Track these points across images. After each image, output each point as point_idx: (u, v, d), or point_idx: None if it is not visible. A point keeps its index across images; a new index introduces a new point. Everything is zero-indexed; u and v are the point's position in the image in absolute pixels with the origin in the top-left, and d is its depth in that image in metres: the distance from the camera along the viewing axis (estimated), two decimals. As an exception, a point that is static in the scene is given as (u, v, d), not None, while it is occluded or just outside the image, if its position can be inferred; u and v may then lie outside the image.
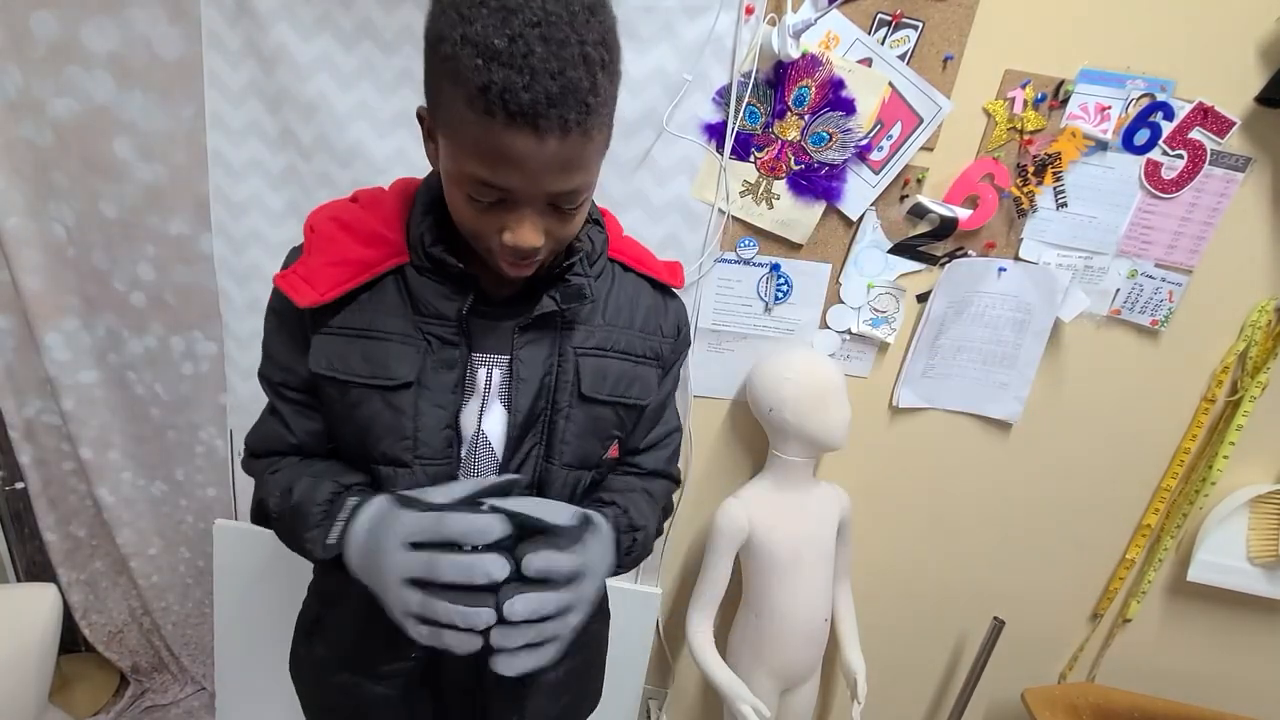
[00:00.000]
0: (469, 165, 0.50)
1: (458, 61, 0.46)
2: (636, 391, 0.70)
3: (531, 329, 0.65)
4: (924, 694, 1.54)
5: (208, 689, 1.57)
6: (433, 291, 0.62)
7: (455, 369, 0.63)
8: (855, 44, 1.06)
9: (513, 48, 0.45)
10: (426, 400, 0.63)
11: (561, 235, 0.57)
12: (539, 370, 0.65)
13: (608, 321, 0.69)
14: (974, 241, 1.17)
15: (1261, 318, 1.18)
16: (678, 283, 0.76)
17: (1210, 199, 1.12)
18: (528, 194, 0.52)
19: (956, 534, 1.38)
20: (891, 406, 1.29)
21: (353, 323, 0.63)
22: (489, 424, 0.65)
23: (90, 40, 1.06)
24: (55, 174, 1.15)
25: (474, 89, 0.46)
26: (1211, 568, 1.29)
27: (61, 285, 1.23)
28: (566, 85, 0.46)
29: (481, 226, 0.55)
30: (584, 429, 0.68)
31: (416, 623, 0.52)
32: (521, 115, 0.46)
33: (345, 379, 0.62)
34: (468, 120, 0.48)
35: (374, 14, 1.04)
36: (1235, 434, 1.22)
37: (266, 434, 0.70)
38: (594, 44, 0.47)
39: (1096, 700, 1.32)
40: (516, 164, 0.49)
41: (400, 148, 1.11)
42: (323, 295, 0.61)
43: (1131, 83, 1.07)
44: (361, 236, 0.64)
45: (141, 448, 1.39)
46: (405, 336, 0.62)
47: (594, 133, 0.50)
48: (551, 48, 0.45)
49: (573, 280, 0.64)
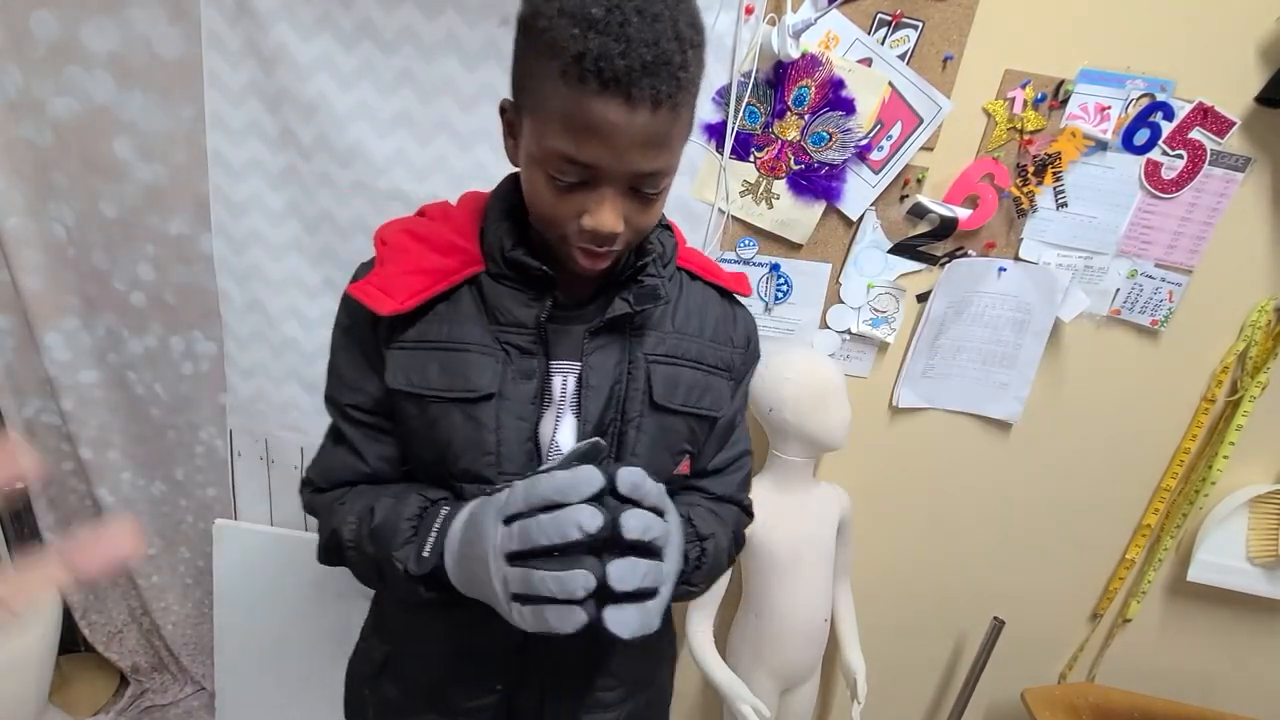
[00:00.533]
0: (556, 141, 0.50)
1: (554, 33, 0.47)
2: (709, 402, 0.68)
3: (602, 334, 0.63)
4: (924, 694, 1.54)
5: (207, 689, 1.57)
6: (510, 299, 0.61)
7: (534, 379, 0.61)
8: (855, 44, 1.06)
9: (609, 17, 0.46)
10: (507, 412, 0.61)
11: (639, 224, 0.56)
12: (609, 378, 0.63)
13: (678, 329, 0.67)
14: (974, 241, 1.17)
15: (1261, 318, 1.18)
16: (744, 290, 0.75)
17: (1210, 199, 1.12)
18: (612, 171, 0.51)
19: (956, 534, 1.38)
20: (891, 406, 1.29)
21: (429, 335, 0.61)
22: (562, 435, 0.63)
23: (90, 40, 1.06)
24: (55, 174, 1.15)
25: (569, 58, 0.47)
26: (1211, 568, 1.29)
27: (61, 285, 1.23)
28: (660, 56, 0.47)
29: (560, 211, 0.54)
30: (655, 440, 0.65)
31: (520, 605, 0.49)
32: (615, 82, 0.47)
33: (424, 393, 0.61)
34: (559, 93, 0.48)
35: (374, 14, 1.04)
36: (1235, 434, 1.22)
37: (333, 465, 0.67)
38: (685, 23, 0.49)
39: (1096, 700, 1.32)
40: (605, 136, 0.49)
41: (400, 148, 1.11)
42: (402, 304, 0.59)
43: (1131, 83, 1.07)
44: (436, 246, 0.62)
45: (141, 448, 1.39)
46: (483, 347, 0.61)
47: (681, 110, 0.51)
48: (647, 20, 0.47)
49: (646, 281, 0.63)
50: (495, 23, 1.04)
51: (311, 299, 1.23)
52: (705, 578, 0.66)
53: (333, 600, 1.39)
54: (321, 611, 1.40)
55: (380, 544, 0.59)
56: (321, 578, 1.38)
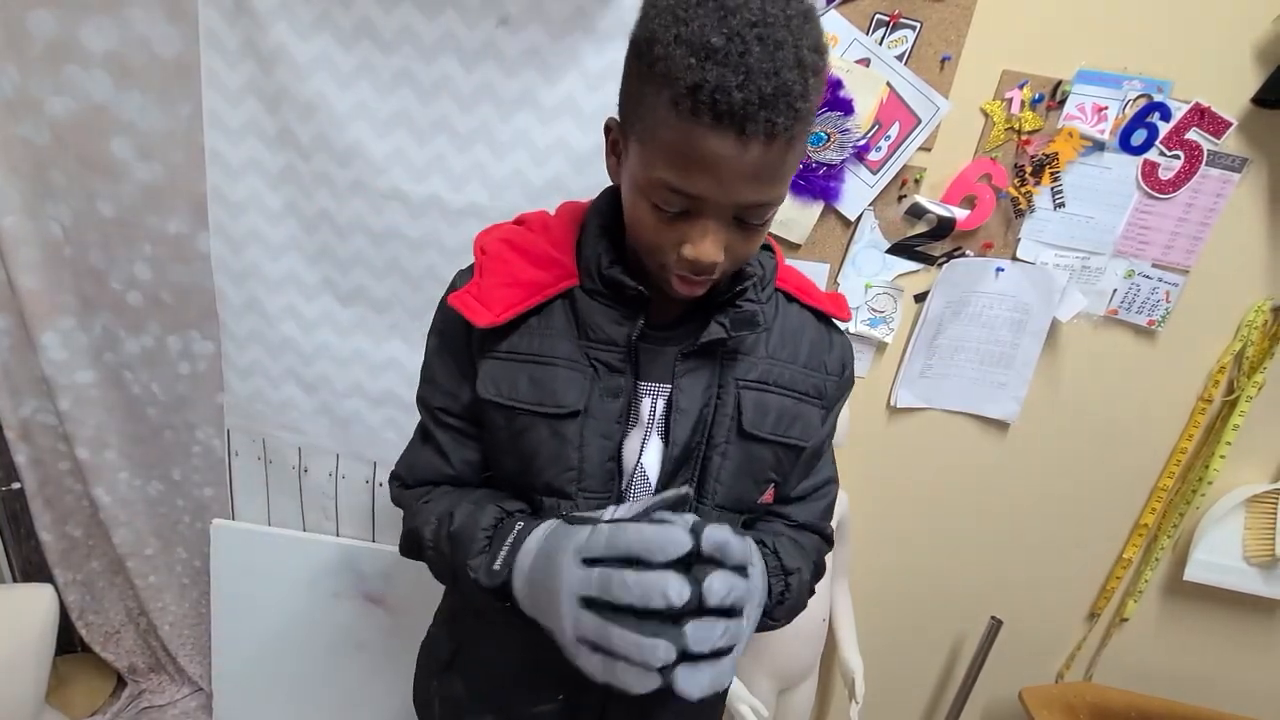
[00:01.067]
0: (662, 171, 0.49)
1: (670, 61, 0.46)
2: (798, 431, 0.66)
3: (694, 357, 0.61)
4: (922, 693, 1.54)
5: (205, 689, 1.56)
6: (603, 315, 0.60)
7: (620, 398, 0.61)
8: (853, 44, 1.06)
9: (729, 46, 0.44)
10: (592, 430, 0.61)
11: (741, 254, 0.55)
12: (698, 401, 0.62)
13: (771, 354, 0.65)
14: (971, 241, 1.18)
15: (1258, 318, 1.18)
16: (844, 315, 0.72)
17: (1207, 199, 1.13)
18: (717, 203, 0.50)
19: (954, 533, 1.38)
20: (889, 406, 1.29)
21: (521, 347, 0.61)
22: (648, 457, 0.63)
23: (88, 39, 1.05)
24: (52, 173, 1.14)
25: (684, 88, 0.45)
26: (1208, 567, 1.30)
27: (58, 284, 1.23)
28: (780, 87, 0.45)
29: (661, 239, 0.53)
30: (740, 468, 0.64)
31: (590, 651, 0.47)
32: (730, 116, 0.45)
33: (512, 405, 0.61)
34: (669, 122, 0.47)
35: (373, 13, 1.04)
36: (1232, 434, 1.22)
37: (419, 463, 0.69)
38: (809, 49, 0.47)
39: (1093, 699, 1.33)
40: (713, 170, 0.48)
41: (399, 147, 1.11)
42: (498, 316, 0.59)
43: (1129, 83, 1.07)
44: (533, 258, 0.62)
45: (138, 447, 1.38)
46: (572, 362, 0.61)
47: (796, 143, 0.49)
48: (769, 48, 0.44)
49: (745, 306, 0.61)
50: (494, 22, 1.04)
51: (309, 299, 1.23)
52: (786, 612, 0.65)
53: (330, 600, 1.39)
54: (319, 612, 1.40)
55: (457, 548, 0.59)
56: (319, 578, 1.38)
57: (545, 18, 1.03)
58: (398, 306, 1.22)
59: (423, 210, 1.15)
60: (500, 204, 1.14)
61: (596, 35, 1.05)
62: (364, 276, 1.21)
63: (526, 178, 1.13)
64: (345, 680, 1.44)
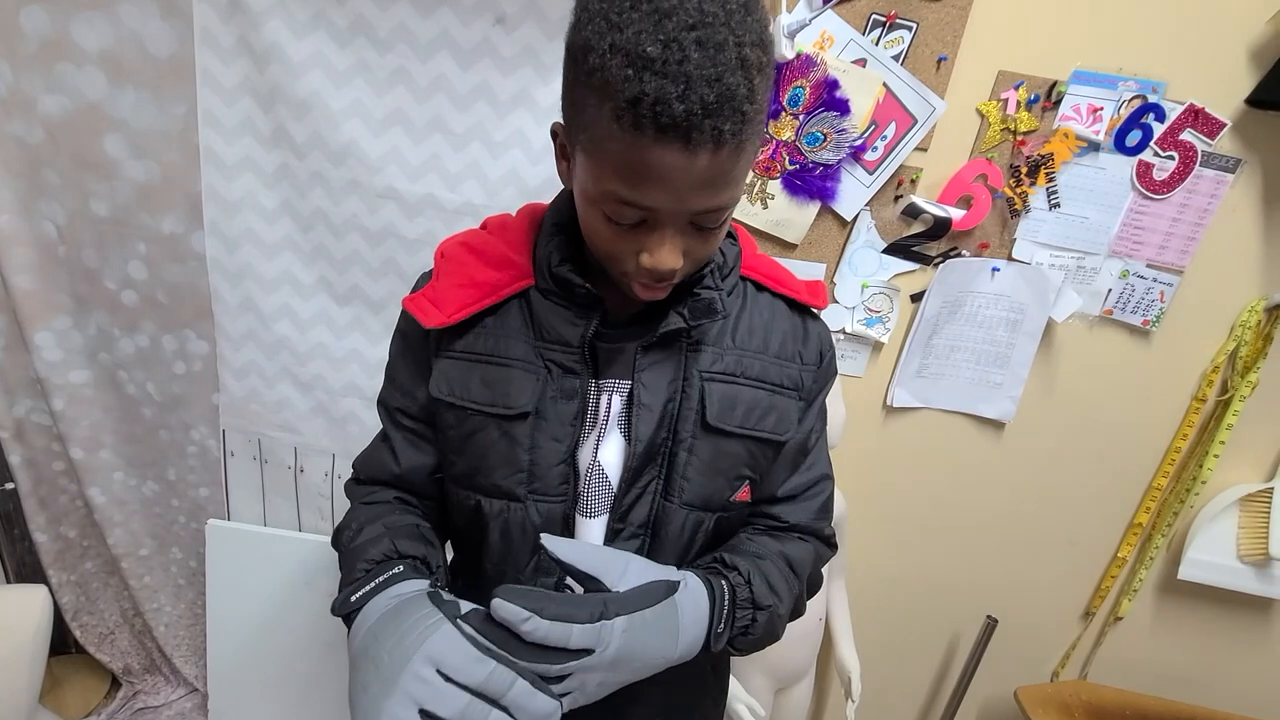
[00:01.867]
0: (611, 184, 0.48)
1: (606, 72, 0.44)
2: (771, 425, 0.63)
3: (655, 349, 0.60)
4: (918, 692, 1.55)
5: (200, 690, 1.56)
6: (556, 316, 0.59)
7: (574, 400, 0.60)
8: (850, 44, 1.07)
9: (667, 54, 0.42)
10: (543, 433, 0.60)
11: (700, 255, 0.54)
12: (661, 396, 0.60)
13: (739, 345, 0.63)
14: (968, 242, 1.18)
15: (1251, 318, 1.19)
16: (820, 303, 0.69)
17: (1201, 200, 1.13)
18: (672, 213, 0.49)
19: (950, 533, 1.39)
20: (886, 406, 1.29)
21: (475, 347, 0.61)
22: (605, 454, 0.61)
23: (81, 37, 1.05)
24: (46, 172, 1.14)
25: (623, 101, 0.43)
26: (1202, 566, 1.30)
27: (52, 284, 1.22)
28: (723, 93, 0.43)
29: (618, 249, 0.53)
30: (708, 465, 0.61)
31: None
32: (674, 128, 0.43)
33: (463, 405, 0.60)
34: (613, 135, 0.45)
35: (368, 12, 1.04)
36: (1225, 433, 1.23)
37: (372, 460, 0.69)
38: (751, 45, 0.44)
39: (1089, 698, 1.33)
40: (663, 181, 0.46)
41: (394, 146, 1.11)
42: (449, 317, 0.59)
43: (1123, 84, 1.07)
44: (489, 259, 0.62)
45: (133, 447, 1.38)
46: (526, 364, 0.60)
47: (747, 145, 0.47)
48: (708, 52, 0.42)
49: (702, 294, 0.59)
50: (490, 21, 1.04)
51: (305, 298, 1.22)
52: (751, 645, 0.62)
53: (325, 601, 1.39)
54: (314, 612, 1.39)
55: (345, 566, 0.60)
56: (314, 578, 1.38)
57: (541, 17, 1.03)
58: (394, 306, 1.22)
59: (419, 209, 1.14)
60: (496, 203, 1.14)
61: (593, 35, 1.05)
62: (360, 276, 1.20)
63: (522, 177, 1.13)
64: (341, 680, 1.43)
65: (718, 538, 0.66)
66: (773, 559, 0.64)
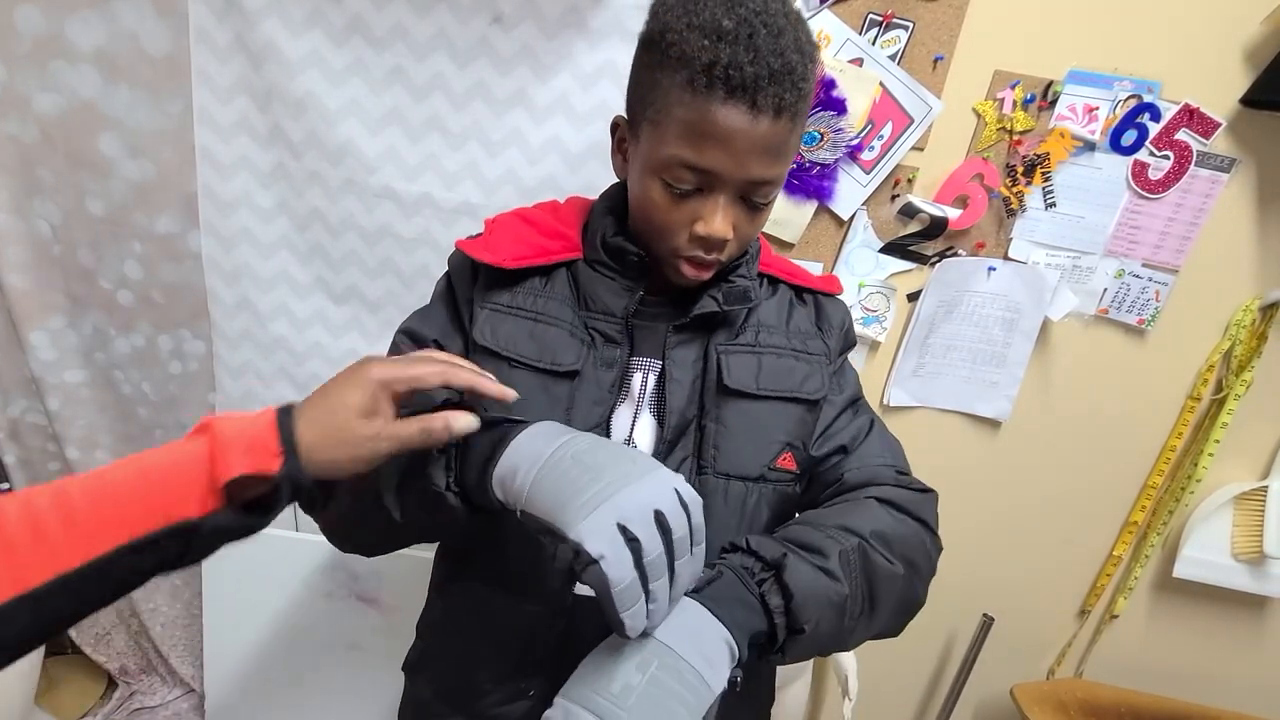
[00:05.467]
0: (675, 147, 0.53)
1: (685, 45, 0.50)
2: (798, 382, 0.65)
3: (686, 330, 0.63)
4: (914, 690, 1.55)
5: (197, 690, 1.55)
6: (603, 286, 0.63)
7: (614, 368, 0.62)
8: (846, 44, 1.07)
9: (739, 29, 0.49)
10: (584, 394, 0.61)
11: (746, 234, 0.58)
12: (689, 372, 0.63)
13: (759, 324, 0.67)
14: (964, 241, 1.18)
15: (1246, 317, 1.19)
16: (836, 289, 0.73)
17: (1196, 199, 1.14)
18: (729, 177, 0.53)
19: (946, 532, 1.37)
20: (882, 405, 1.29)
21: (523, 304, 0.63)
22: (639, 433, 0.63)
23: (76, 35, 1.04)
24: (40, 171, 1.13)
25: (698, 67, 0.50)
26: (1197, 564, 1.31)
27: (47, 283, 1.22)
28: (786, 65, 0.50)
29: (672, 218, 0.56)
30: (738, 431, 0.63)
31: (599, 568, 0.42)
32: (742, 89, 0.49)
33: (511, 356, 0.61)
34: (683, 101, 0.51)
35: (365, 10, 1.03)
36: (1220, 432, 1.23)
37: None
38: (805, 38, 0.53)
39: (1084, 696, 1.33)
40: (725, 144, 0.51)
41: (391, 145, 1.11)
42: (503, 261, 0.62)
43: (1119, 84, 1.08)
44: (541, 229, 0.66)
45: (129, 447, 1.37)
46: (573, 327, 0.63)
47: (799, 121, 0.54)
48: (773, 33, 0.50)
49: (738, 282, 0.63)
50: (487, 20, 1.04)
51: (301, 298, 1.22)
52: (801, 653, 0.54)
53: (323, 601, 1.38)
54: (311, 613, 1.39)
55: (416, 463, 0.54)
56: (311, 578, 1.38)
57: (538, 16, 1.03)
58: (391, 305, 1.22)
59: (415, 209, 1.14)
60: (493, 203, 1.14)
61: (589, 33, 1.04)
62: (357, 275, 1.20)
63: (519, 176, 1.12)
64: (338, 680, 1.43)
65: (778, 517, 0.66)
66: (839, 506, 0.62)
